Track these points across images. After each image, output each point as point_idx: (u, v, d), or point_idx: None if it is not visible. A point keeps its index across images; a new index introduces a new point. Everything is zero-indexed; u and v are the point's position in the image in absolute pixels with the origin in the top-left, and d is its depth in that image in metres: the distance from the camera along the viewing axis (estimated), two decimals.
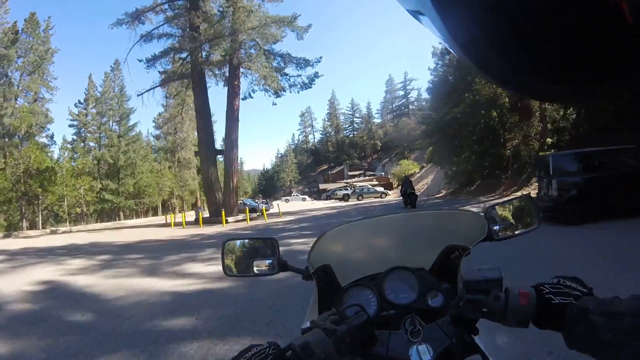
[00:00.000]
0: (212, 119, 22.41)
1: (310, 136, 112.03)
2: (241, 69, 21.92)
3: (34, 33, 40.24)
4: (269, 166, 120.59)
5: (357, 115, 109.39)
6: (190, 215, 26.58)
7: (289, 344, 0.67)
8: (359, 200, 35.15)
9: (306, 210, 25.05)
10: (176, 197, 52.01)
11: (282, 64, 23.15)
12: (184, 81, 24.15)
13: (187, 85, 24.24)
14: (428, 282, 1.02)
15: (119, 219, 40.44)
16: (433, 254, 1.13)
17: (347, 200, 36.56)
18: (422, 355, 0.79)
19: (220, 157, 25.59)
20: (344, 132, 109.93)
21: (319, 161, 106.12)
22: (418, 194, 27.76)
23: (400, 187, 21.76)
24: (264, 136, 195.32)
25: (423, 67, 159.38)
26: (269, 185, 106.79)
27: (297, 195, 68.93)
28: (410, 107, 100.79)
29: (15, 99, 38.02)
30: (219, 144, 26.69)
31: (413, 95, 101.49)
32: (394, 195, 35.56)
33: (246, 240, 1.22)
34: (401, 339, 0.83)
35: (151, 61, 22.95)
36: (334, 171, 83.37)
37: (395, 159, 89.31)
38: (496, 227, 1.06)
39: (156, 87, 24.02)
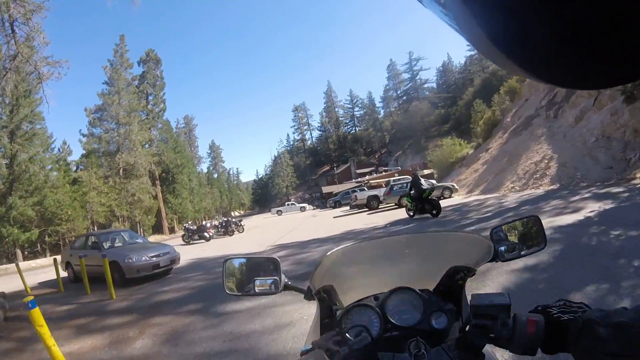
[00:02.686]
0: None
1: (307, 134, 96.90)
2: None
3: None
4: (263, 173, 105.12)
5: (358, 106, 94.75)
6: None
7: None
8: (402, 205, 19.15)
9: (296, 252, 9.19)
10: (122, 220, 35.87)
11: None
12: None
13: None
14: (432, 303, 1.00)
15: (17, 259, 25.55)
16: (437, 274, 1.10)
17: (377, 207, 20.66)
18: None
19: None
20: (345, 127, 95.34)
21: (320, 162, 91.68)
22: (536, 184, 12.82)
23: (409, 189, 12.45)
24: (260, 142, 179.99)
25: (430, 43, 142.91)
26: (264, 194, 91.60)
27: (293, 204, 52.89)
28: (419, 90, 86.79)
29: None
30: None
31: (422, 76, 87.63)
32: (464, 192, 19.77)
33: (247, 258, 1.20)
34: None
35: None
36: (338, 170, 67.52)
37: (410, 151, 75.12)
38: (502, 248, 1.03)
39: None
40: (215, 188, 74.12)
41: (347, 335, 0.76)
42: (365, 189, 34.66)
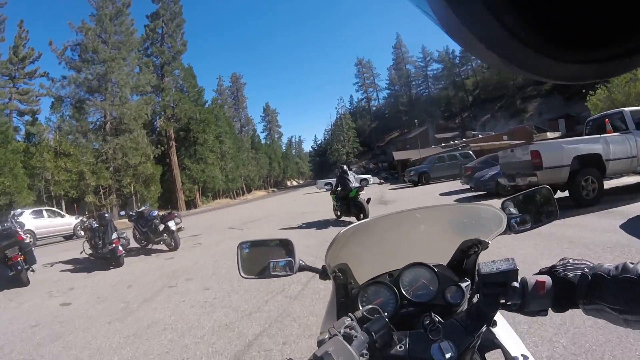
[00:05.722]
0: None
1: (373, 95, 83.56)
2: None
3: None
4: (322, 138, 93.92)
5: (435, 60, 78.94)
6: None
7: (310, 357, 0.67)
8: None
9: None
10: (104, 193, 26.05)
11: None
12: None
13: None
14: (446, 278, 1.01)
15: None
16: (450, 248, 1.11)
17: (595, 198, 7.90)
18: (444, 352, 0.76)
19: None
20: (417, 89, 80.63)
21: (387, 127, 78.62)
22: None
23: (335, 185, 10.28)
24: (321, 109, 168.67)
25: None
26: (322, 162, 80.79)
27: (351, 175, 40.53)
28: None
29: None
30: None
31: None
32: None
33: (261, 241, 1.20)
34: (421, 338, 0.80)
35: None
36: (411, 135, 54.07)
37: (501, 115, 59.79)
38: (514, 220, 1.05)
39: None
40: (262, 154, 64.16)
41: (362, 318, 0.78)
42: (471, 153, 21.94)
